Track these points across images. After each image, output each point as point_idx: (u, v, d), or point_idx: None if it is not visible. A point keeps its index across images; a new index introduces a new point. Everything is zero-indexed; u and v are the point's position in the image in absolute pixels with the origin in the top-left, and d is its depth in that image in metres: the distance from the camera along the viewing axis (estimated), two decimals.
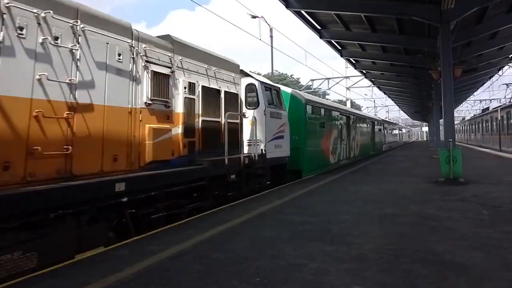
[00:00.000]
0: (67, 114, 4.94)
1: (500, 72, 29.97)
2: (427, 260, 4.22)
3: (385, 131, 37.31)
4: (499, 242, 4.82)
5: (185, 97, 7.28)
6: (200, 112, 7.67)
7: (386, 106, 64.31)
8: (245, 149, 9.40)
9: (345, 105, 36.58)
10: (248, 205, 7.86)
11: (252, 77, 9.95)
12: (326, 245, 4.91)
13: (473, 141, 41.57)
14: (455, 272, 3.83)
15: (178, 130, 7.08)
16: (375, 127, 29.74)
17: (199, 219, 6.44)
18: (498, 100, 50.06)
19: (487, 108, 34.97)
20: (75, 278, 3.96)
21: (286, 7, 13.99)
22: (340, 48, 21.58)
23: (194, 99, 7.52)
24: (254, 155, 9.18)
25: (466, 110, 70.34)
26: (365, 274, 3.84)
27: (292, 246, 4.93)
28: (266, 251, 4.72)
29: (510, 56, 22.74)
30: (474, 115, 46.23)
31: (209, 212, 6.77)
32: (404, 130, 65.51)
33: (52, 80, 4.78)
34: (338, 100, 25.09)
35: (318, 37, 18.10)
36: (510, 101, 34.15)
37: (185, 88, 7.28)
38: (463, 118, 51.89)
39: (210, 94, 8.04)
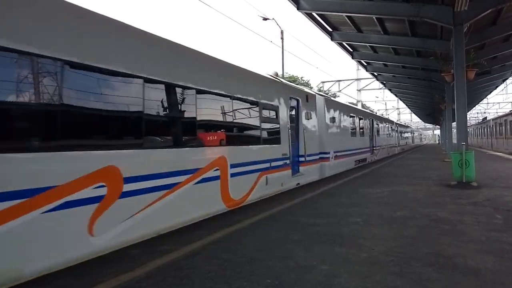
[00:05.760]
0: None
1: None
2: (438, 263, 4.19)
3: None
4: None
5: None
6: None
7: (397, 108, 63.79)
8: None
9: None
10: (258, 206, 7.89)
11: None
12: (337, 247, 4.91)
13: None
14: (467, 276, 3.80)
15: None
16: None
17: (210, 220, 6.48)
18: None
19: None
20: (87, 277, 4.04)
21: (297, 9, 13.96)
22: (351, 50, 21.51)
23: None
24: None
25: (480, 112, 69.15)
26: (376, 277, 3.83)
27: (302, 247, 4.94)
28: (276, 252, 4.75)
29: None
30: None
31: (220, 214, 6.81)
32: (416, 133, 67.64)
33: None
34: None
35: (330, 39, 18.06)
36: None
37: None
38: None
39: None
